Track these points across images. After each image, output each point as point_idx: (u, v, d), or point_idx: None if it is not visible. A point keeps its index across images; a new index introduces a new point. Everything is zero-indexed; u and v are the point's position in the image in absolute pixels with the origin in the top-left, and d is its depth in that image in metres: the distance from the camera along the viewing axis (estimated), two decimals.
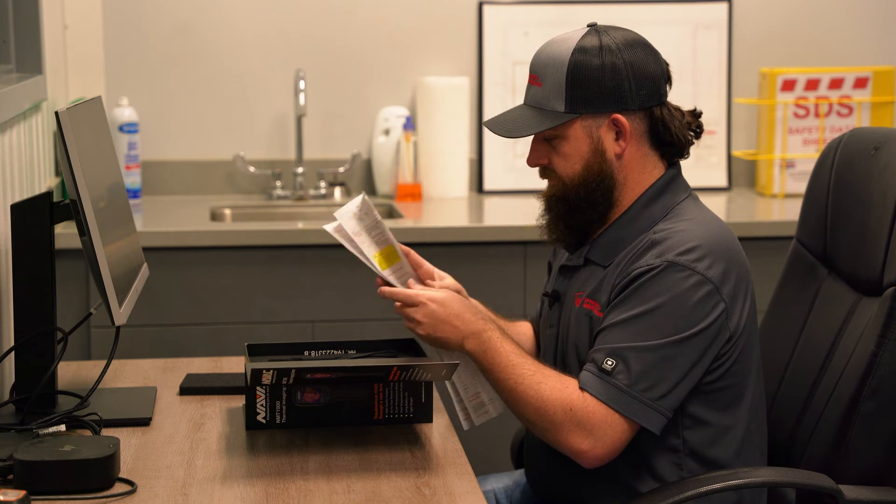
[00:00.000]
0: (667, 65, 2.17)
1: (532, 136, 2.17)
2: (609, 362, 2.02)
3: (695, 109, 2.21)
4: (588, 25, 2.17)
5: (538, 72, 2.16)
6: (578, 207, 2.16)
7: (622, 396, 2.01)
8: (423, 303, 2.12)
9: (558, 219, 2.19)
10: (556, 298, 2.25)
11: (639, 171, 2.16)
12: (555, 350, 2.24)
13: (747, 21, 4.08)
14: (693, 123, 2.20)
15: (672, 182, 2.18)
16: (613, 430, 2.02)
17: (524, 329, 2.45)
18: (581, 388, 2.03)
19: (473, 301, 2.26)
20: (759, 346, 2.18)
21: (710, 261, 2.05)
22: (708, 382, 2.08)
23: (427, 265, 2.28)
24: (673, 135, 2.15)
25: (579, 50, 2.11)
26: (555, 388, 2.04)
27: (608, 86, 2.10)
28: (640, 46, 2.14)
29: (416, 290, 2.14)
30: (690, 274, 2.04)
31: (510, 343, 2.11)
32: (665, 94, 2.16)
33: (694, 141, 2.19)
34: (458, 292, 2.26)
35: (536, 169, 2.21)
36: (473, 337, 2.11)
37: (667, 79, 2.16)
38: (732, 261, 2.09)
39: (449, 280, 2.30)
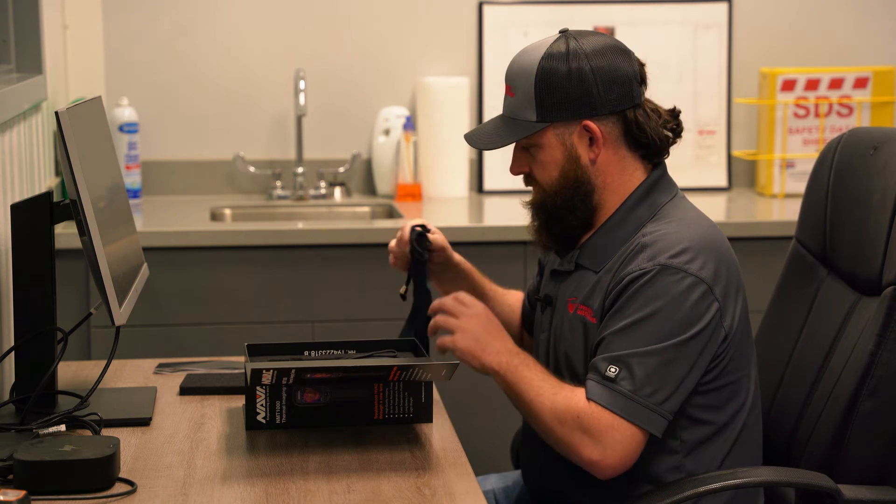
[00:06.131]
0: (641, 66, 2.16)
1: (514, 145, 2.19)
2: (612, 369, 2.02)
3: (674, 108, 2.20)
4: (560, 32, 2.17)
5: (511, 82, 2.17)
6: (558, 214, 2.17)
7: (627, 402, 2.01)
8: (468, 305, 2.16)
9: (542, 226, 2.21)
10: (548, 303, 2.26)
11: (618, 174, 2.16)
12: (546, 354, 2.24)
13: (747, 21, 4.08)
14: (671, 123, 2.19)
15: (657, 183, 2.18)
16: (622, 437, 2.01)
17: (512, 300, 2.53)
18: (588, 399, 2.03)
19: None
20: (753, 342, 2.17)
21: (702, 261, 2.06)
22: (705, 382, 2.08)
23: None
24: (649, 136, 2.15)
25: (547, 57, 2.12)
26: (567, 397, 2.05)
27: (576, 92, 2.11)
28: (610, 50, 2.13)
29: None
30: (684, 276, 2.04)
31: (540, 365, 2.12)
32: (639, 96, 2.15)
33: (675, 140, 2.19)
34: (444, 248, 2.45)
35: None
36: (507, 353, 2.11)
37: (640, 80, 2.15)
38: (722, 259, 2.09)
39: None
